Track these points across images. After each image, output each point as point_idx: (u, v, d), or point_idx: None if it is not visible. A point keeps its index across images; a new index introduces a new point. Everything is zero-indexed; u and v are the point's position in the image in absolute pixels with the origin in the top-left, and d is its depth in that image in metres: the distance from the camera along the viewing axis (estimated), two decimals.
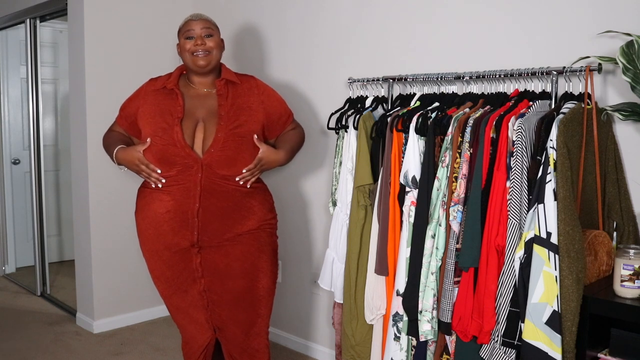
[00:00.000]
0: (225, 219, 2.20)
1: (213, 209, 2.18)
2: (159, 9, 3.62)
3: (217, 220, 2.20)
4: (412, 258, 2.15)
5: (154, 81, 2.35)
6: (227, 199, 2.20)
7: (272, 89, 2.42)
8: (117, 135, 2.38)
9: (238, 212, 2.22)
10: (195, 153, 2.16)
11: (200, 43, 2.23)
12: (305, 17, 3.07)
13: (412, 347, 2.22)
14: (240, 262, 2.24)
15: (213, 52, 2.26)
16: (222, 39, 2.35)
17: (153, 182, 2.19)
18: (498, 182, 1.90)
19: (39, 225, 4.14)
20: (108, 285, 3.54)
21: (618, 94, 2.01)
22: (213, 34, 2.28)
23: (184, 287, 2.28)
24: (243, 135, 2.21)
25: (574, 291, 1.71)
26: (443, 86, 2.42)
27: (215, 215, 2.19)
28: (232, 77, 2.31)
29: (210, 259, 2.24)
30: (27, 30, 4.06)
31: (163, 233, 2.21)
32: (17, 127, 4.70)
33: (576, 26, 2.10)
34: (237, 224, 2.22)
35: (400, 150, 2.26)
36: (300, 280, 3.23)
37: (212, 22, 2.32)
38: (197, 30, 2.25)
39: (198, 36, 2.24)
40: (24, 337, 3.40)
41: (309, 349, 3.20)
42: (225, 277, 2.25)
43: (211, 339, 2.36)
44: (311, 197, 3.13)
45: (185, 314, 2.34)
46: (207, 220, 2.19)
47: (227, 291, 2.26)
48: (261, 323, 2.33)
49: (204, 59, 2.24)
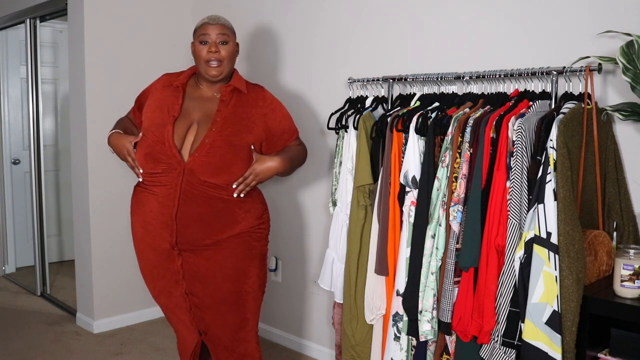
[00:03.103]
0: (204, 225, 2.14)
1: (191, 213, 2.12)
2: (158, 9, 3.62)
3: (195, 226, 2.13)
4: (412, 258, 2.15)
5: (167, 76, 2.34)
6: (207, 206, 2.13)
7: (281, 103, 2.34)
8: (124, 122, 2.40)
9: (218, 220, 2.15)
10: (180, 155, 2.12)
11: (214, 51, 2.17)
12: (305, 17, 3.07)
13: (412, 347, 2.22)
14: (222, 266, 2.18)
15: (225, 61, 2.20)
16: (238, 43, 2.29)
17: (136, 174, 2.22)
18: (498, 182, 1.90)
19: (39, 225, 4.14)
20: (108, 285, 3.54)
21: (618, 94, 2.01)
22: (228, 41, 2.21)
23: (168, 288, 2.26)
24: (234, 145, 2.13)
25: (574, 291, 1.71)
26: (443, 86, 2.42)
27: (192, 221, 2.13)
28: (241, 85, 2.25)
29: (191, 262, 2.19)
30: (27, 30, 4.06)
31: (149, 233, 2.19)
32: (17, 127, 4.70)
33: (576, 26, 2.10)
34: (216, 232, 2.15)
35: (400, 150, 2.26)
36: (300, 280, 3.23)
37: (229, 27, 2.24)
38: (212, 36, 2.18)
39: (213, 42, 2.18)
40: (24, 337, 3.40)
41: (308, 349, 3.20)
42: (206, 280, 2.19)
43: (198, 340, 2.34)
44: (311, 197, 3.13)
45: (172, 314, 2.33)
46: (184, 225, 2.13)
47: (208, 295, 2.21)
48: (248, 328, 2.26)
49: (216, 69, 2.19)
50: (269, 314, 3.39)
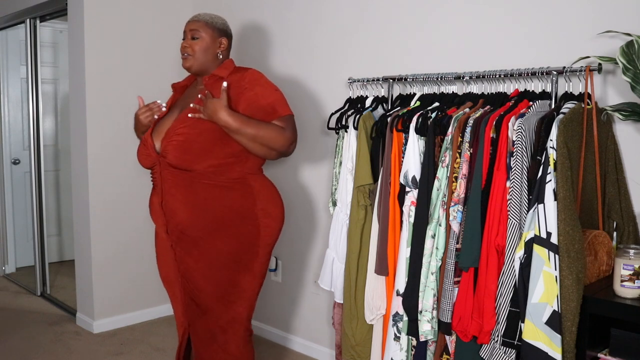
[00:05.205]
0: (187, 212, 2.19)
1: (173, 201, 2.21)
2: (158, 8, 3.62)
3: (181, 214, 2.20)
4: (412, 258, 2.15)
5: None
6: (187, 191, 2.19)
7: (265, 82, 2.29)
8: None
9: (202, 207, 2.19)
10: (154, 150, 2.23)
11: (185, 45, 2.29)
12: (306, 17, 3.07)
13: (412, 347, 2.22)
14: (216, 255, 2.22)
15: (196, 55, 2.27)
16: (225, 38, 2.33)
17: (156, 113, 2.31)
18: (498, 182, 1.90)
19: (39, 225, 4.14)
20: (108, 285, 3.54)
21: (618, 94, 2.01)
22: (199, 36, 2.28)
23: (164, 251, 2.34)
24: (202, 129, 2.15)
25: (574, 291, 1.71)
26: (443, 86, 2.42)
27: (175, 208, 2.21)
28: (222, 72, 2.29)
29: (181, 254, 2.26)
30: (27, 30, 4.06)
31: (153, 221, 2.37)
32: (17, 127, 4.70)
33: (576, 26, 2.10)
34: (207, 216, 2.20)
35: (400, 150, 2.26)
36: (300, 280, 3.23)
37: (204, 22, 2.29)
38: (186, 31, 2.31)
39: (186, 37, 2.31)
40: (24, 337, 3.40)
41: (309, 348, 3.20)
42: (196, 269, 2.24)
43: (185, 331, 2.37)
44: (311, 197, 3.13)
45: (169, 286, 2.38)
46: (171, 213, 2.22)
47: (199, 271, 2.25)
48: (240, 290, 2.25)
49: (186, 61, 2.30)
50: (269, 314, 3.39)
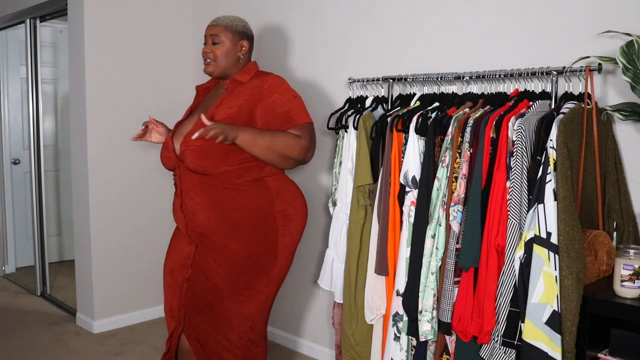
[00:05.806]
0: (206, 215, 2.20)
1: (192, 204, 2.22)
2: (159, 9, 3.62)
3: (200, 216, 2.21)
4: (412, 258, 2.15)
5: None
6: (205, 194, 2.20)
7: (285, 89, 2.26)
8: None
9: (219, 209, 2.20)
10: (175, 153, 2.25)
11: (206, 51, 2.30)
12: (306, 17, 3.07)
13: (412, 347, 2.22)
14: (235, 259, 2.23)
15: (218, 60, 2.28)
16: (246, 40, 2.33)
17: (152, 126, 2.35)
18: (498, 182, 1.90)
19: (39, 225, 4.14)
20: (108, 285, 3.54)
21: (618, 94, 2.01)
22: (219, 41, 2.28)
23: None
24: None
25: (574, 291, 1.71)
26: (443, 86, 2.42)
27: (194, 211, 2.22)
28: (242, 77, 2.30)
29: (203, 252, 2.25)
30: (27, 30, 4.06)
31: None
32: (17, 127, 4.70)
33: (576, 26, 2.10)
34: (225, 219, 2.20)
35: (400, 150, 2.26)
36: (300, 280, 3.23)
37: (224, 27, 2.29)
38: (207, 36, 2.31)
39: (207, 42, 2.31)
40: (24, 337, 3.40)
41: (308, 349, 3.20)
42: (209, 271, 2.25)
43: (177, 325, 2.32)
44: (311, 197, 3.13)
45: (170, 275, 2.36)
46: (191, 215, 2.22)
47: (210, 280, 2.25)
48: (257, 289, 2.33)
49: (208, 66, 2.31)
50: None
